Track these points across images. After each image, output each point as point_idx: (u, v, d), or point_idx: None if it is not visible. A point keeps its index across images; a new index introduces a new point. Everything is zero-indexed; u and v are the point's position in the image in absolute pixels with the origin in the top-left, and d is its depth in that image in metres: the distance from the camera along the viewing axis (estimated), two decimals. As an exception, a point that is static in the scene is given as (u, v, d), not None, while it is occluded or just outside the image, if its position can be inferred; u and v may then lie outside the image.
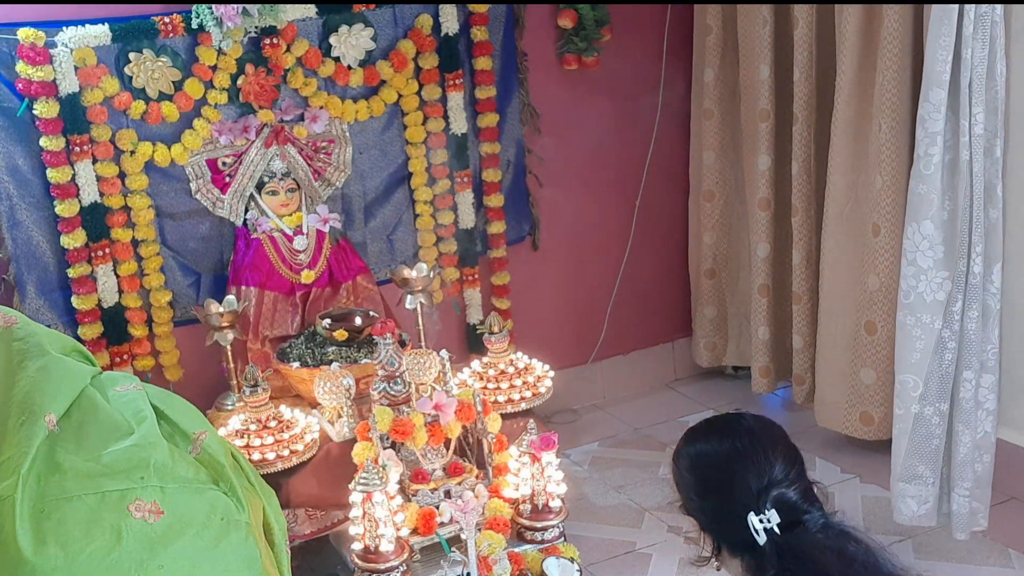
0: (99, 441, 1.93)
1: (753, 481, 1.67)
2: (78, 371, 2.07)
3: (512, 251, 3.94)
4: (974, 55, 2.69)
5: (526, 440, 2.78)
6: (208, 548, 1.87)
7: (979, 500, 2.97)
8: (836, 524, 1.69)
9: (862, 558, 1.62)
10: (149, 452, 1.91)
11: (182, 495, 1.90)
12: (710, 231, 4.16)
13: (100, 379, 2.12)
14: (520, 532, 2.82)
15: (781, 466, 1.69)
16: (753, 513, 1.65)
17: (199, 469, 1.97)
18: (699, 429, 1.85)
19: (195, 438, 2.03)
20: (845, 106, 3.34)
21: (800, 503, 1.68)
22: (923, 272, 2.85)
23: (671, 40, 4.08)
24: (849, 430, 3.57)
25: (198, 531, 1.87)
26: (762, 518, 1.64)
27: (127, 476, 1.87)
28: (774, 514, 1.64)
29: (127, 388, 2.09)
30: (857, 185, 3.39)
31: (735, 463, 1.71)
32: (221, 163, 3.34)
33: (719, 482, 1.73)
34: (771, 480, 1.67)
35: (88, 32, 3.07)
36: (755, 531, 1.64)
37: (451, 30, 3.57)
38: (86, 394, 2.02)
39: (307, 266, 3.40)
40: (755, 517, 1.65)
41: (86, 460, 1.88)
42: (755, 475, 1.68)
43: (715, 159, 4.07)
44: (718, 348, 4.31)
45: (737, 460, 1.71)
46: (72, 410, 1.98)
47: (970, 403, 2.89)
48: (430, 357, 2.94)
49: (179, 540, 1.84)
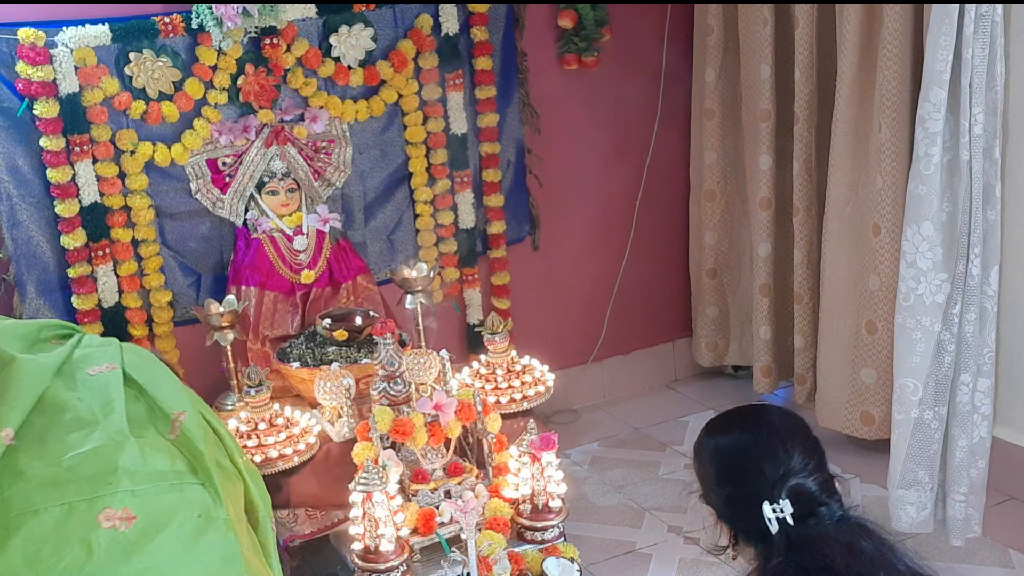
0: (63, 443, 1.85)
1: (769, 470, 1.69)
2: (38, 372, 1.98)
3: (512, 251, 3.94)
4: (974, 55, 2.69)
5: (526, 440, 2.78)
6: (185, 548, 1.81)
7: (974, 507, 2.96)
8: (853, 518, 1.69)
9: (872, 553, 1.62)
10: (116, 454, 1.85)
11: (156, 495, 1.83)
12: (711, 231, 4.16)
13: (72, 362, 2.03)
14: (520, 532, 2.82)
15: (799, 457, 1.70)
16: (767, 502, 1.66)
17: (175, 458, 1.90)
18: (721, 419, 1.87)
19: (174, 419, 1.95)
20: (846, 106, 3.34)
21: (817, 494, 1.69)
22: (923, 274, 2.85)
23: (671, 40, 4.08)
24: (850, 430, 3.57)
25: (174, 531, 1.81)
26: (775, 507, 1.66)
27: (94, 483, 1.81)
28: (787, 504, 1.65)
29: (100, 370, 2.00)
30: (858, 185, 3.39)
31: (753, 452, 1.73)
32: (221, 163, 3.34)
33: (737, 471, 1.75)
34: (788, 470, 1.68)
35: (88, 32, 3.07)
36: (768, 520, 1.66)
37: (451, 30, 3.57)
38: (47, 396, 1.94)
39: (307, 266, 3.40)
40: (768, 506, 1.66)
41: (50, 465, 1.81)
42: (771, 465, 1.69)
43: (716, 159, 4.07)
44: (720, 348, 4.31)
45: (755, 449, 1.73)
46: (33, 416, 1.90)
47: (967, 407, 2.89)
48: (430, 357, 2.94)
49: (154, 543, 1.78)
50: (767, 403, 1.86)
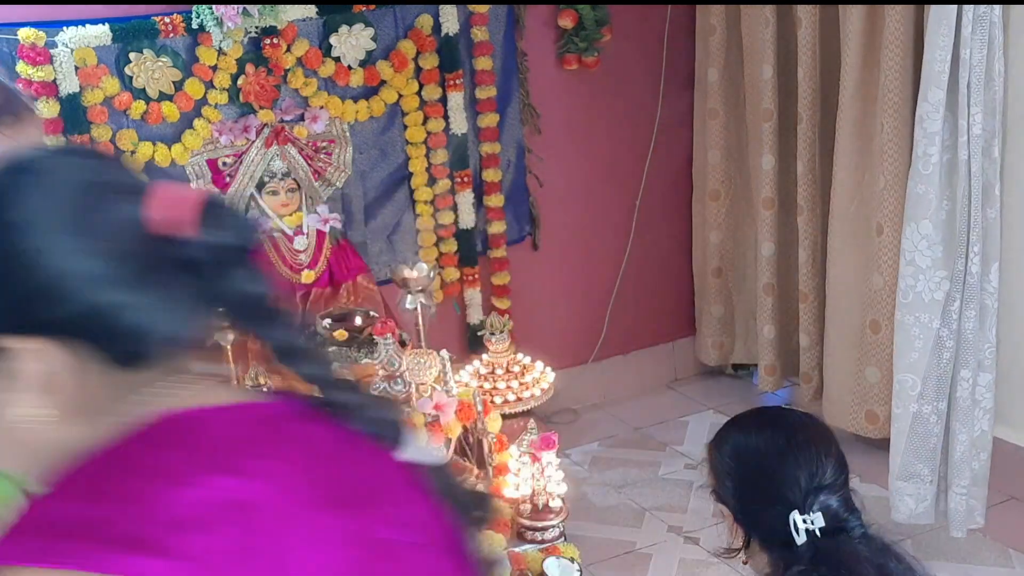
0: None
1: (804, 479, 1.63)
2: None
3: (512, 251, 3.94)
4: (972, 55, 2.69)
5: (526, 440, 2.78)
6: None
7: (976, 498, 2.97)
8: (876, 537, 1.65)
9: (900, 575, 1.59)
10: None
11: None
12: (716, 230, 4.16)
13: None
14: (520, 532, 2.82)
15: (832, 470, 1.66)
16: (798, 512, 1.61)
17: None
18: (748, 417, 1.82)
19: None
20: (850, 106, 3.35)
21: (841, 511, 1.65)
22: (921, 271, 2.86)
23: (671, 40, 4.08)
24: (855, 428, 3.58)
25: None
26: (806, 518, 1.61)
27: None
28: (819, 517, 1.61)
29: None
30: (862, 184, 3.40)
31: (787, 458, 1.67)
32: (221, 163, 3.34)
33: (765, 474, 1.68)
34: (821, 482, 1.64)
35: (88, 32, 3.07)
36: (796, 530, 1.61)
37: (451, 30, 3.58)
38: None
39: (307, 266, 3.40)
40: (799, 516, 1.61)
41: None
42: (806, 474, 1.64)
43: (720, 158, 4.08)
44: (726, 346, 4.32)
45: (789, 455, 1.67)
46: None
47: (967, 402, 2.90)
48: (430, 357, 2.94)
49: None
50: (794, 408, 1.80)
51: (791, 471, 1.65)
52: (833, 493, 1.64)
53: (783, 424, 1.76)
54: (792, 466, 1.65)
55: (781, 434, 1.72)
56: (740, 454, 1.74)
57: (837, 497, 1.65)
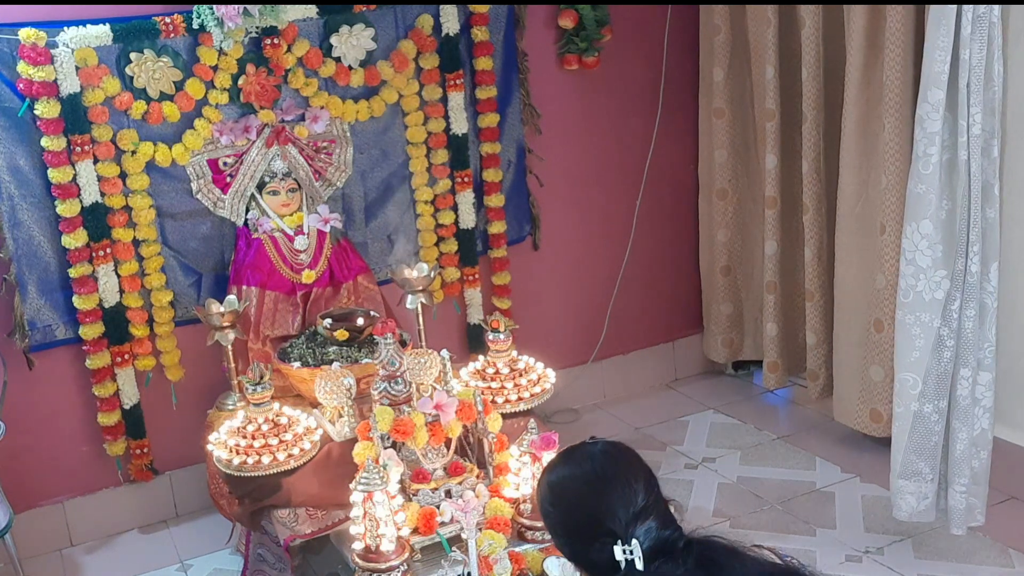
0: None
1: (620, 511, 1.64)
2: None
3: (512, 251, 3.94)
4: (972, 56, 2.70)
5: (527, 440, 2.78)
6: None
7: (976, 496, 2.98)
8: (698, 540, 1.65)
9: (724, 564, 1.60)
10: None
11: None
12: (724, 228, 4.17)
13: None
14: (521, 532, 2.82)
15: (643, 492, 1.66)
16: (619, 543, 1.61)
17: None
18: (556, 460, 1.82)
19: None
20: (853, 106, 3.36)
21: (661, 530, 1.64)
22: (922, 271, 2.87)
23: (671, 40, 4.08)
24: (860, 426, 3.60)
25: None
26: (625, 549, 1.61)
27: None
28: (637, 547, 1.61)
29: None
30: (867, 184, 3.41)
31: (599, 490, 1.67)
32: (222, 163, 3.35)
33: (584, 510, 1.69)
34: (635, 510, 1.64)
35: (89, 32, 3.07)
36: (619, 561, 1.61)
37: (452, 30, 3.58)
38: None
39: (308, 266, 3.40)
40: (619, 548, 1.61)
41: None
42: (622, 504, 1.64)
43: (727, 157, 4.09)
44: (735, 344, 4.34)
45: (600, 487, 1.68)
46: None
47: (967, 400, 2.91)
48: (431, 357, 2.95)
49: None
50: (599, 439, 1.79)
51: (607, 503, 1.65)
52: (649, 516, 1.64)
53: (588, 457, 1.75)
54: (607, 497, 1.66)
55: (589, 467, 1.72)
56: (556, 496, 1.75)
57: (653, 518, 1.65)
